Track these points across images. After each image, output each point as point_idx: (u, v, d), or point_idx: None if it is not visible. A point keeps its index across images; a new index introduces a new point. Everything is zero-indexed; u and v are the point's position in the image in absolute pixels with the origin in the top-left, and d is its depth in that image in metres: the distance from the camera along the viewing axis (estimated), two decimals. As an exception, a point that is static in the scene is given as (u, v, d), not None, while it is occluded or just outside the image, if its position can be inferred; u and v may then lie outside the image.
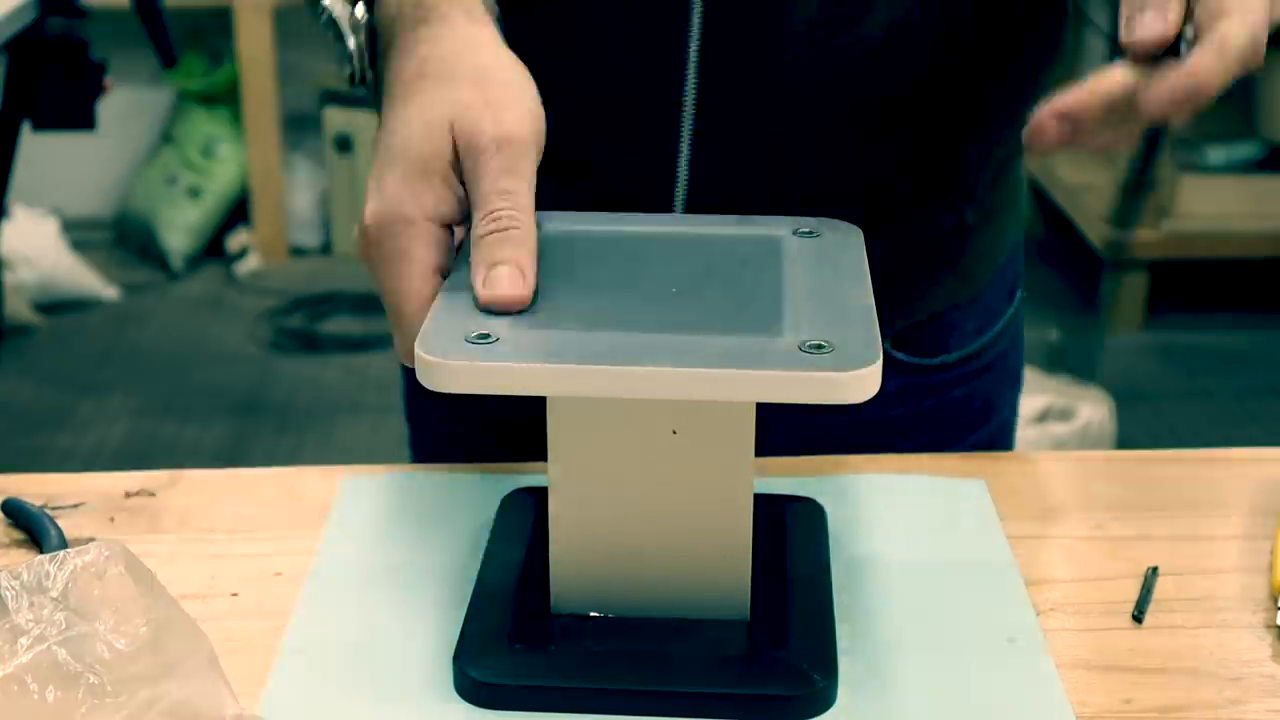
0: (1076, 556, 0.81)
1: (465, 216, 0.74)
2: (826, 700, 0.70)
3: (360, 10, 0.82)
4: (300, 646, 0.74)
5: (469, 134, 0.72)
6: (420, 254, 0.72)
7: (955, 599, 0.78)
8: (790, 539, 0.80)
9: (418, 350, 0.66)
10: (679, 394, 0.65)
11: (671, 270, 0.75)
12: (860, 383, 0.64)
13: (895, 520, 0.85)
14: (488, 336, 0.66)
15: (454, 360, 0.65)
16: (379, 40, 0.81)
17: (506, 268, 0.70)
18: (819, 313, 0.69)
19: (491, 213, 0.71)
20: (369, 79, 0.82)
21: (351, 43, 0.82)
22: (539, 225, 0.76)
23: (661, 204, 0.92)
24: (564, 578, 0.73)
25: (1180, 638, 0.76)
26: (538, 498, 0.81)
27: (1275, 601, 0.78)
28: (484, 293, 0.69)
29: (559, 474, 0.71)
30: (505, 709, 0.70)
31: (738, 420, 0.70)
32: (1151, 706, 0.71)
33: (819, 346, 0.66)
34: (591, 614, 0.73)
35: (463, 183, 0.73)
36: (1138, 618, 0.77)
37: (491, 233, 0.71)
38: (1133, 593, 0.79)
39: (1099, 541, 0.83)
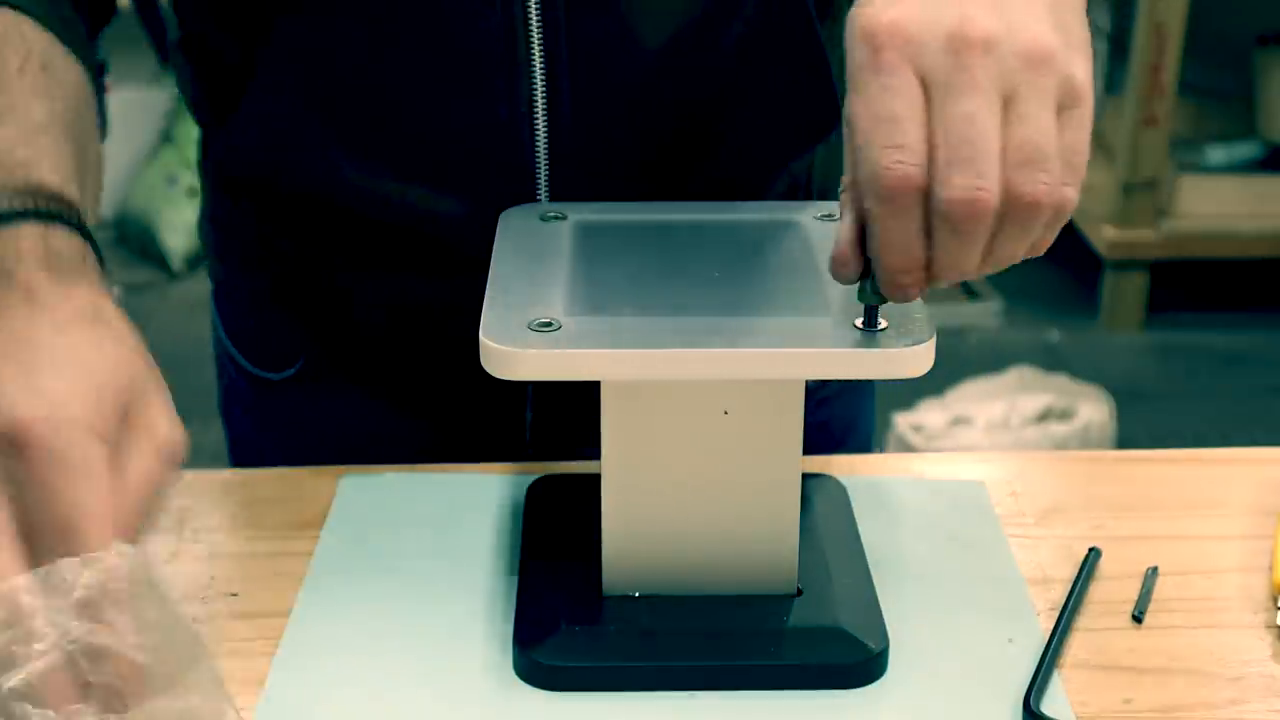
0: (1076, 556, 0.81)
1: None
2: (881, 666, 0.72)
3: None
4: (300, 645, 0.74)
5: None
6: None
7: (955, 599, 0.78)
8: (818, 513, 0.81)
9: (483, 338, 0.67)
10: (745, 374, 0.67)
11: (708, 255, 0.77)
12: (918, 357, 0.66)
13: (895, 521, 0.85)
14: (549, 324, 0.68)
15: (521, 348, 0.66)
16: None
17: None
18: None
19: None
20: None
21: None
22: (565, 216, 0.80)
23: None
24: (615, 560, 0.74)
25: (1180, 638, 0.76)
26: (565, 485, 0.85)
27: (1275, 601, 0.78)
28: None
29: (611, 457, 0.73)
30: (567, 690, 0.71)
31: (789, 398, 0.72)
32: (1151, 706, 0.71)
33: (873, 323, 0.67)
34: (642, 594, 0.75)
35: None
36: (1138, 618, 0.77)
37: None
38: (1133, 593, 0.79)
39: (1099, 541, 0.83)
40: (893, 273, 0.65)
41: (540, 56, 0.85)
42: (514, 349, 0.66)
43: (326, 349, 0.99)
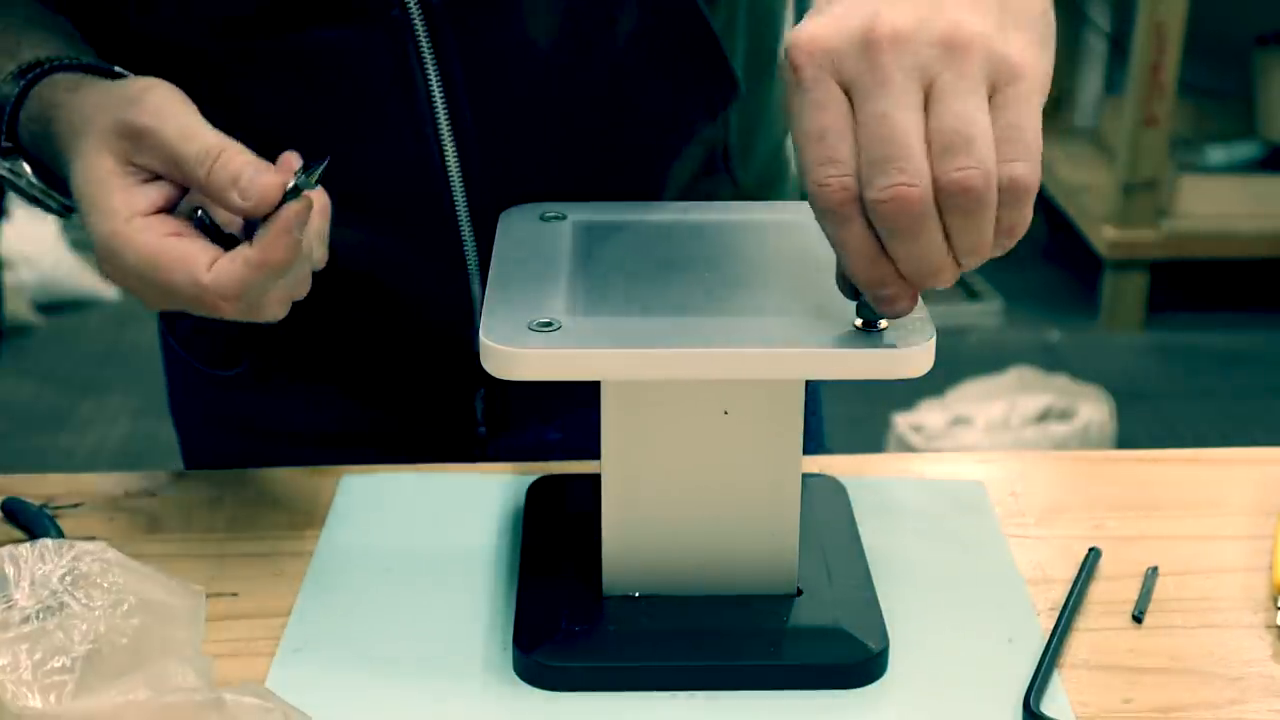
0: (1076, 556, 0.81)
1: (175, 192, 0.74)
2: (881, 666, 0.72)
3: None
4: (300, 645, 0.74)
5: (123, 132, 0.73)
6: (142, 235, 0.72)
7: (955, 599, 0.78)
8: (818, 513, 0.81)
9: (483, 338, 0.67)
10: (745, 374, 0.67)
11: (708, 255, 0.77)
12: (918, 357, 0.66)
13: (895, 521, 0.85)
14: (549, 324, 0.68)
15: (521, 348, 0.66)
16: (46, 163, 0.80)
17: (248, 168, 0.71)
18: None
19: (196, 159, 0.72)
20: (72, 204, 0.79)
21: (35, 192, 0.81)
22: (565, 216, 0.81)
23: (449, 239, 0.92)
24: (615, 560, 0.74)
25: (1180, 638, 0.76)
26: (565, 485, 0.85)
27: (1275, 601, 0.78)
28: (244, 204, 0.71)
29: (611, 457, 0.73)
30: (567, 690, 0.71)
31: (789, 398, 0.72)
32: (1151, 706, 0.71)
33: (873, 324, 0.67)
34: (642, 594, 0.75)
35: (151, 175, 0.74)
36: (1138, 618, 0.77)
37: (209, 167, 0.71)
38: (1133, 593, 0.79)
39: (1099, 541, 0.83)
40: (870, 288, 0.65)
41: (437, 82, 0.85)
42: (514, 349, 0.66)
43: (270, 348, 1.00)
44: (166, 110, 0.73)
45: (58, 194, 0.81)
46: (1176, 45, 3.03)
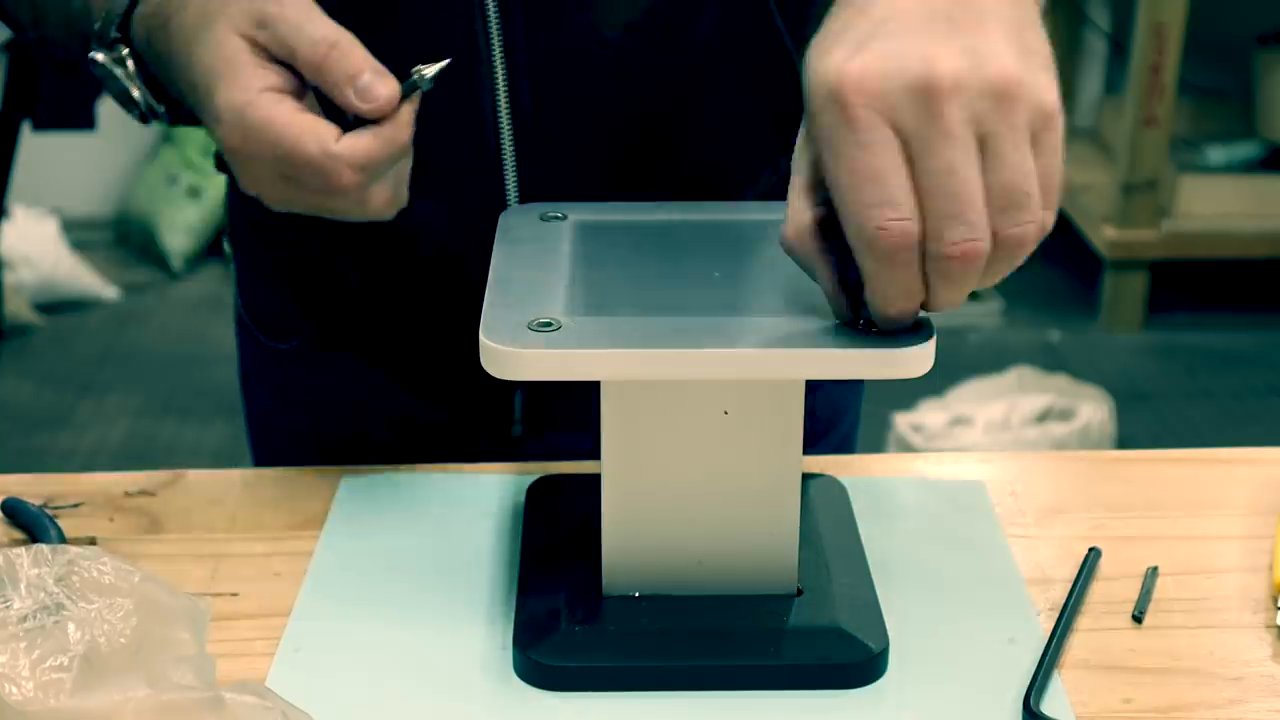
0: (1076, 556, 0.81)
1: (299, 83, 0.76)
2: (881, 666, 0.72)
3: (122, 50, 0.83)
4: (300, 645, 0.74)
5: (252, 18, 0.75)
6: (274, 107, 0.74)
7: (955, 599, 0.78)
8: (818, 513, 0.81)
9: (483, 339, 0.67)
10: (745, 374, 0.67)
11: (708, 255, 0.77)
12: (918, 357, 0.66)
13: (895, 521, 0.85)
14: (549, 324, 0.68)
15: (521, 348, 0.66)
16: (151, 60, 0.82)
17: (366, 71, 0.73)
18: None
19: (311, 43, 0.74)
20: (158, 108, 0.83)
21: (133, 87, 0.83)
22: (566, 216, 0.80)
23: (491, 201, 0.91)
24: (615, 560, 0.74)
25: (1180, 638, 0.76)
26: (564, 484, 0.85)
27: (1275, 601, 0.78)
28: (361, 105, 0.73)
29: (611, 457, 0.73)
30: (567, 690, 0.71)
31: (789, 398, 0.72)
32: (1151, 706, 0.71)
33: (873, 324, 0.67)
34: (642, 594, 0.75)
35: (276, 61, 0.75)
36: (1138, 618, 0.77)
37: (324, 55, 0.73)
38: (1133, 593, 0.79)
39: (1099, 541, 0.83)
40: (897, 321, 0.66)
41: (500, 55, 0.85)
42: (514, 349, 0.66)
43: (324, 323, 1.01)
44: (291, 1, 0.75)
45: (152, 96, 0.83)
46: (1176, 45, 3.03)
